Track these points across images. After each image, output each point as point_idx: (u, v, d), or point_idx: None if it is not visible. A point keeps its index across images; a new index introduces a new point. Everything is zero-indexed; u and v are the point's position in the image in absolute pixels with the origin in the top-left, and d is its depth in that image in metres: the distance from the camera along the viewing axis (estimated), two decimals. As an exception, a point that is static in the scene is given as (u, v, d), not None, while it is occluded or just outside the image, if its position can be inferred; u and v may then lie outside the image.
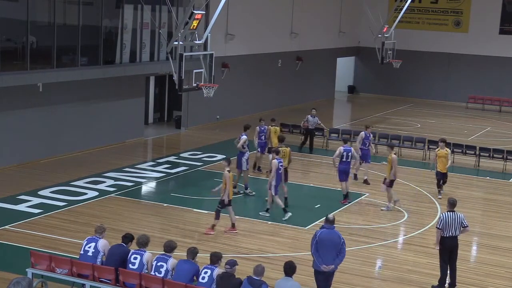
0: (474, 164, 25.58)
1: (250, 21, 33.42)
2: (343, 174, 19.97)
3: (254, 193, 20.52)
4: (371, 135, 23.23)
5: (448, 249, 13.97)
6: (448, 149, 21.53)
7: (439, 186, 21.27)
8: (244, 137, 20.73)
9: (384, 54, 35.31)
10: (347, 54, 44.37)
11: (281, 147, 19.90)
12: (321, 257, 12.37)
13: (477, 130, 33.89)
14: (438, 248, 14.09)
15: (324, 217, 12.74)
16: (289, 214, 18.26)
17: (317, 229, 12.80)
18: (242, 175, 20.73)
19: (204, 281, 11.54)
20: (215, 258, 11.80)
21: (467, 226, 14.07)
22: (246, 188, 20.60)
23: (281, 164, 18.32)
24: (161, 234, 16.38)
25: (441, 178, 21.24)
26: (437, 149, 21.55)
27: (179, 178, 22.24)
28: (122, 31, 25.66)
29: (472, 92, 41.81)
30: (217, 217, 16.74)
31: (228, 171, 16.85)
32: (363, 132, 22.72)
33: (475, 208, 20.28)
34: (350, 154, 19.97)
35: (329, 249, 12.33)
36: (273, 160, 18.32)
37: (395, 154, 19.70)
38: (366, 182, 22.22)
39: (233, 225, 16.93)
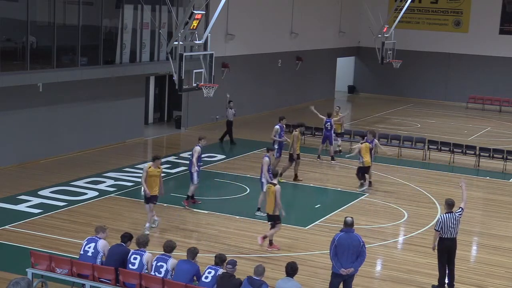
0: (474, 164, 25.58)
1: (250, 21, 33.42)
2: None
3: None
4: (374, 140, 22.31)
5: (446, 250, 13.95)
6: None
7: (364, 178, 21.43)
8: (276, 127, 22.27)
9: (384, 54, 35.31)
10: (347, 54, 44.37)
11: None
12: (339, 261, 12.31)
13: (477, 130, 33.89)
14: (436, 249, 14.09)
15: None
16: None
17: (336, 232, 12.71)
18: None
19: (207, 280, 11.55)
20: (219, 260, 11.79)
21: (463, 209, 14.04)
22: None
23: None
24: (161, 234, 16.39)
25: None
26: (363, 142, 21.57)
27: (179, 178, 22.24)
28: (122, 31, 25.66)
29: (472, 92, 41.81)
30: None
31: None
32: (365, 138, 22.17)
33: (475, 208, 20.26)
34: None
35: (348, 253, 12.24)
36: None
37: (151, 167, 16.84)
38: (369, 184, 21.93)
39: None
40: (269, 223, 16.08)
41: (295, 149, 22.03)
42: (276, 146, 22.13)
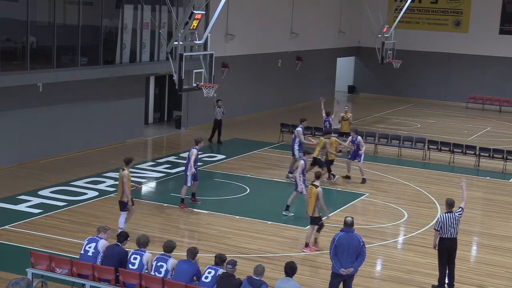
0: (474, 164, 25.57)
1: (250, 21, 33.42)
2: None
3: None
4: (358, 137, 22.70)
5: (446, 250, 13.94)
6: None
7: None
8: (299, 129, 22.23)
9: (384, 54, 35.31)
10: (347, 54, 44.37)
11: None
12: (339, 261, 12.31)
13: (477, 130, 33.89)
14: (436, 249, 14.09)
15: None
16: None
17: (336, 232, 12.74)
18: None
19: (207, 280, 11.55)
20: (219, 260, 11.78)
21: (463, 209, 14.03)
22: (290, 173, 21.94)
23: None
24: (161, 234, 16.39)
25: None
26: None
27: (179, 178, 22.22)
28: (122, 31, 25.65)
29: (472, 92, 41.81)
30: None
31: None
32: (350, 137, 22.98)
33: (475, 208, 20.26)
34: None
35: (348, 252, 12.26)
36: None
37: (124, 170, 16.18)
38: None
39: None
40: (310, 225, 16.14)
41: (324, 153, 22.12)
42: (297, 148, 21.95)
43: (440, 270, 14.08)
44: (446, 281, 14.12)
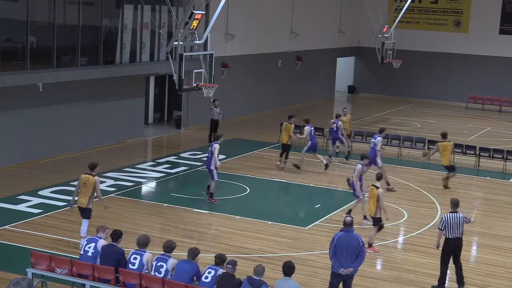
0: (474, 164, 25.56)
1: (250, 21, 33.41)
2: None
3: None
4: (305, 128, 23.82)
5: (451, 250, 13.92)
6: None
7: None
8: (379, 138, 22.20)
9: (384, 54, 35.30)
10: (347, 54, 44.37)
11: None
12: (339, 261, 12.31)
13: (477, 130, 33.88)
14: (440, 249, 14.07)
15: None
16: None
17: (336, 231, 12.75)
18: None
19: (207, 280, 11.54)
20: (219, 260, 11.78)
21: (469, 221, 14.11)
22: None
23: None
24: (161, 234, 16.38)
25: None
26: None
27: (179, 178, 22.24)
28: (122, 31, 25.65)
29: (472, 92, 41.80)
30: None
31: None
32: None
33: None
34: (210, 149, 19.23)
35: (347, 252, 12.25)
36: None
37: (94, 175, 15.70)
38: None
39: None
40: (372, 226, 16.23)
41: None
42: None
43: (441, 270, 14.07)
44: (447, 281, 14.12)
